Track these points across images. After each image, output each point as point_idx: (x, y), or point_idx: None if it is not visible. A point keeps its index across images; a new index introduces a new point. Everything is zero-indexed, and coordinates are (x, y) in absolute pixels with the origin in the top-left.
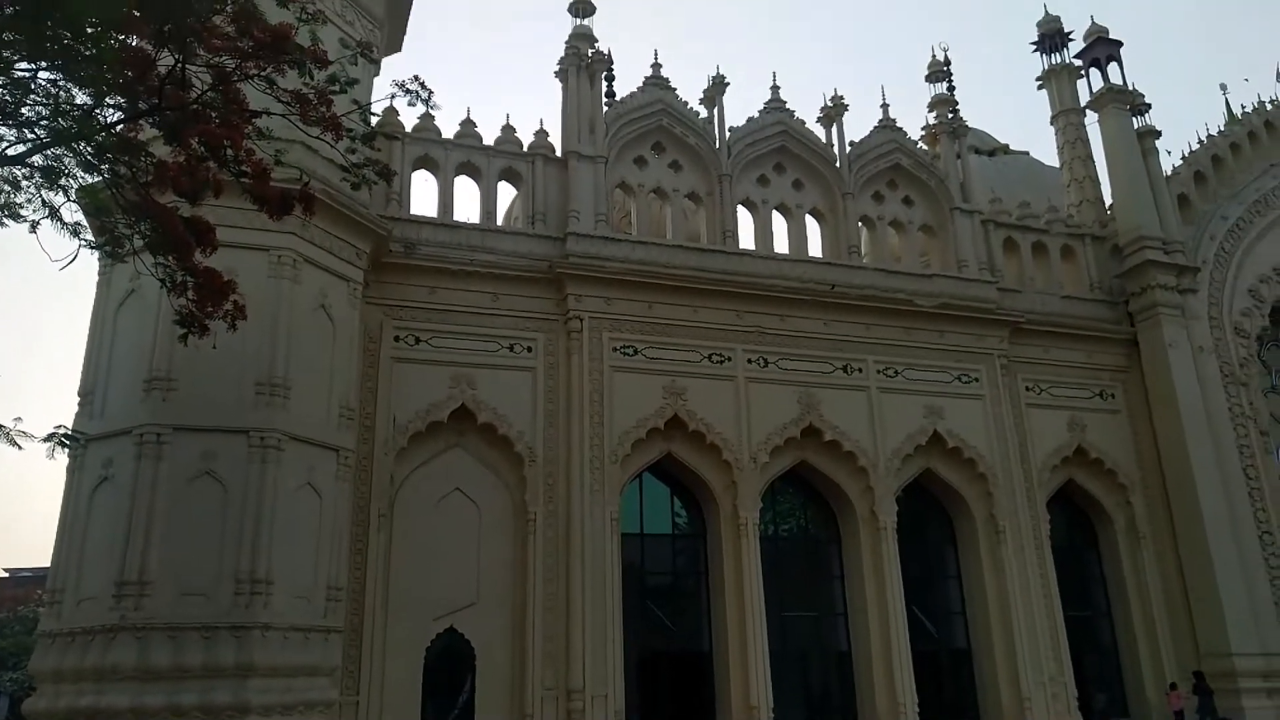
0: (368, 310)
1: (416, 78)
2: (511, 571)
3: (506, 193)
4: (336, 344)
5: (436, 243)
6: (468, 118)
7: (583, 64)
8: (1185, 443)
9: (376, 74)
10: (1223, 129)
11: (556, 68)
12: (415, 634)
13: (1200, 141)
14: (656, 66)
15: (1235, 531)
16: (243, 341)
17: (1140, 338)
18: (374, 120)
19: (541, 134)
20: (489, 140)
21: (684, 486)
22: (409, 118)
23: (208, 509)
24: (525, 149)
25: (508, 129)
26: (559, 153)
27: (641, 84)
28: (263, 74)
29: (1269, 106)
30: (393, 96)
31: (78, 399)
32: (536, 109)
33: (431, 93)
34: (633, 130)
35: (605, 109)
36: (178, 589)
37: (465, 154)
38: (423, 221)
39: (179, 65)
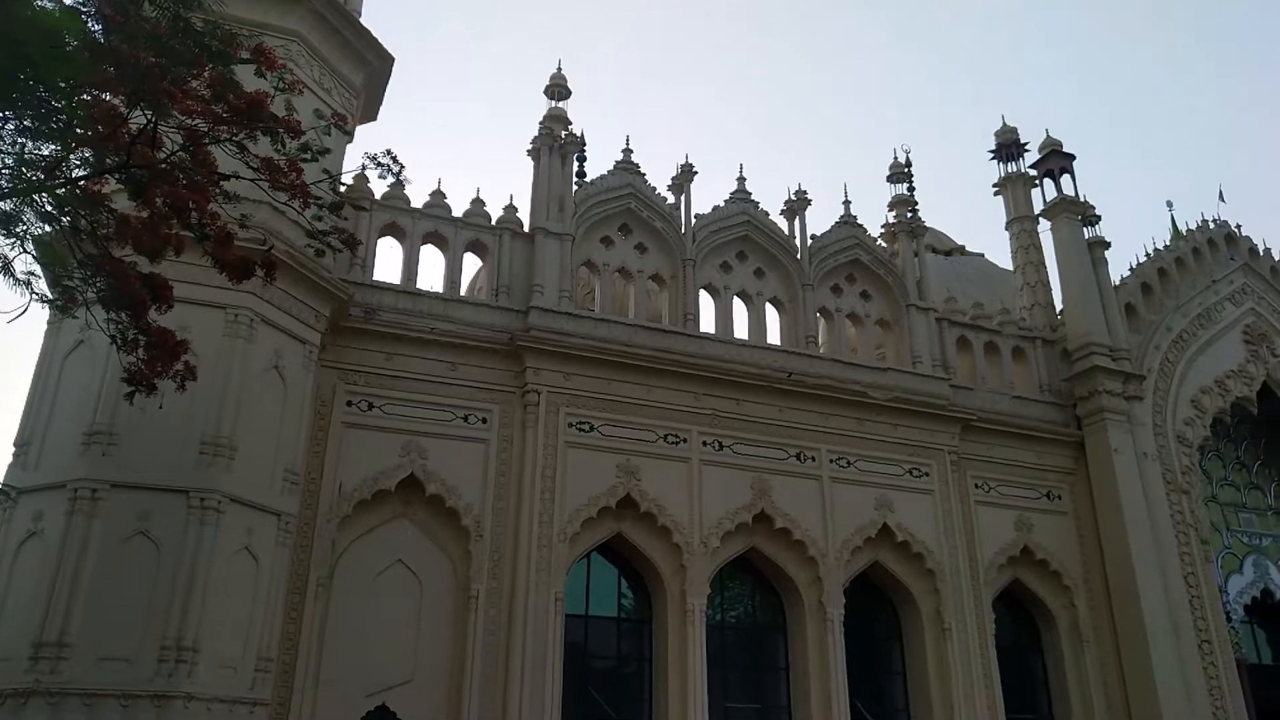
0: (322, 373)
1: (389, 151)
2: (450, 649)
3: (472, 264)
4: (287, 406)
5: (398, 309)
6: (438, 189)
7: (555, 144)
8: (1129, 547)
9: (350, 141)
10: (1169, 244)
11: (530, 146)
12: (345, 710)
13: (1147, 255)
14: (627, 152)
15: (1176, 639)
16: (190, 399)
17: (1087, 441)
18: (344, 188)
19: (510, 209)
20: (458, 211)
21: (632, 568)
22: (379, 184)
23: (139, 570)
24: (493, 222)
25: (477, 202)
26: (527, 228)
27: (612, 168)
28: (235, 139)
29: (1212, 225)
30: (364, 167)
31: (12, 449)
32: (507, 184)
33: (402, 166)
34: (601, 211)
35: (575, 189)
36: (99, 653)
37: (433, 224)
38: (385, 288)
39: (151, 124)
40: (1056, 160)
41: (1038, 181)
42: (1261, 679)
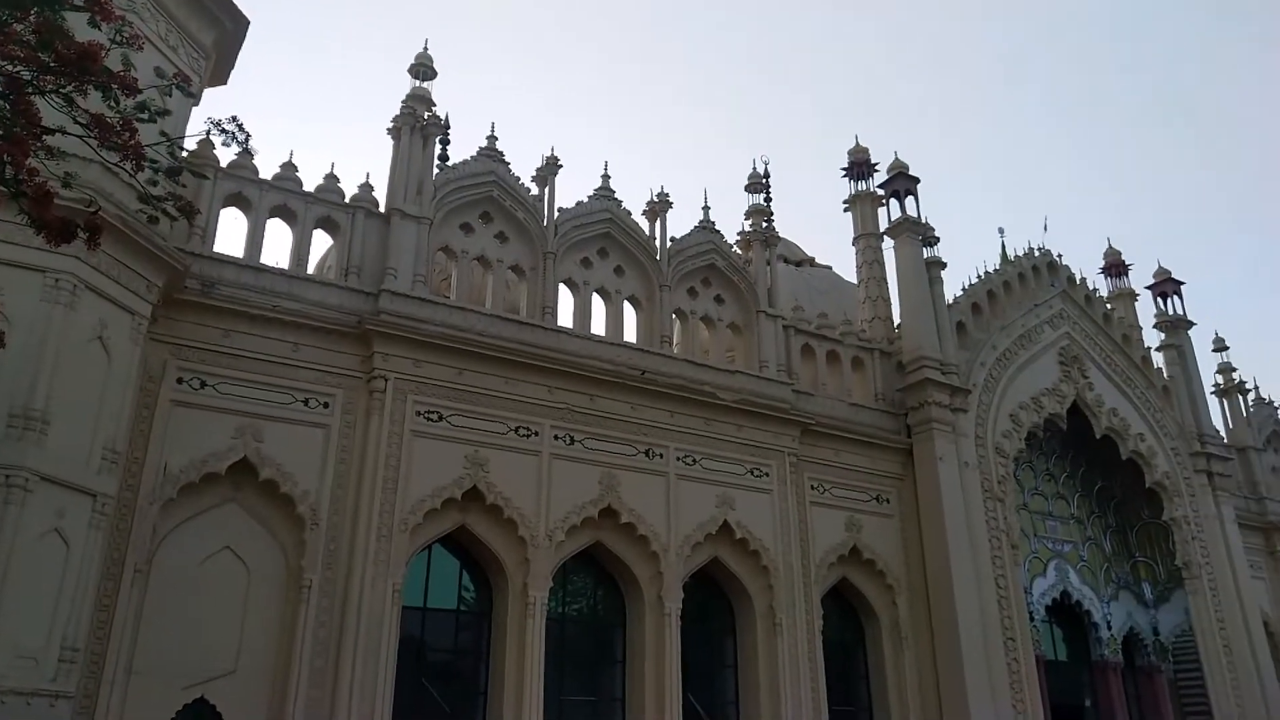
0: (152, 348)
1: (234, 118)
2: (278, 640)
3: (322, 242)
4: (110, 380)
5: (239, 284)
6: (289, 161)
7: (417, 125)
8: (948, 550)
9: (195, 104)
10: (998, 268)
11: (390, 125)
12: (160, 702)
13: (979, 277)
14: (492, 139)
15: (984, 636)
16: (0, 367)
17: (915, 448)
18: (186, 153)
19: (366, 187)
20: (309, 186)
21: (475, 561)
22: (226, 152)
23: None
24: (347, 200)
25: (331, 177)
26: (383, 208)
27: (476, 153)
28: (61, 90)
29: (1036, 254)
30: (208, 132)
31: None
32: (365, 166)
33: (248, 135)
34: (462, 197)
35: (436, 172)
36: None
37: (282, 197)
38: (226, 261)
39: None
40: (902, 182)
41: (884, 201)
42: (1056, 674)
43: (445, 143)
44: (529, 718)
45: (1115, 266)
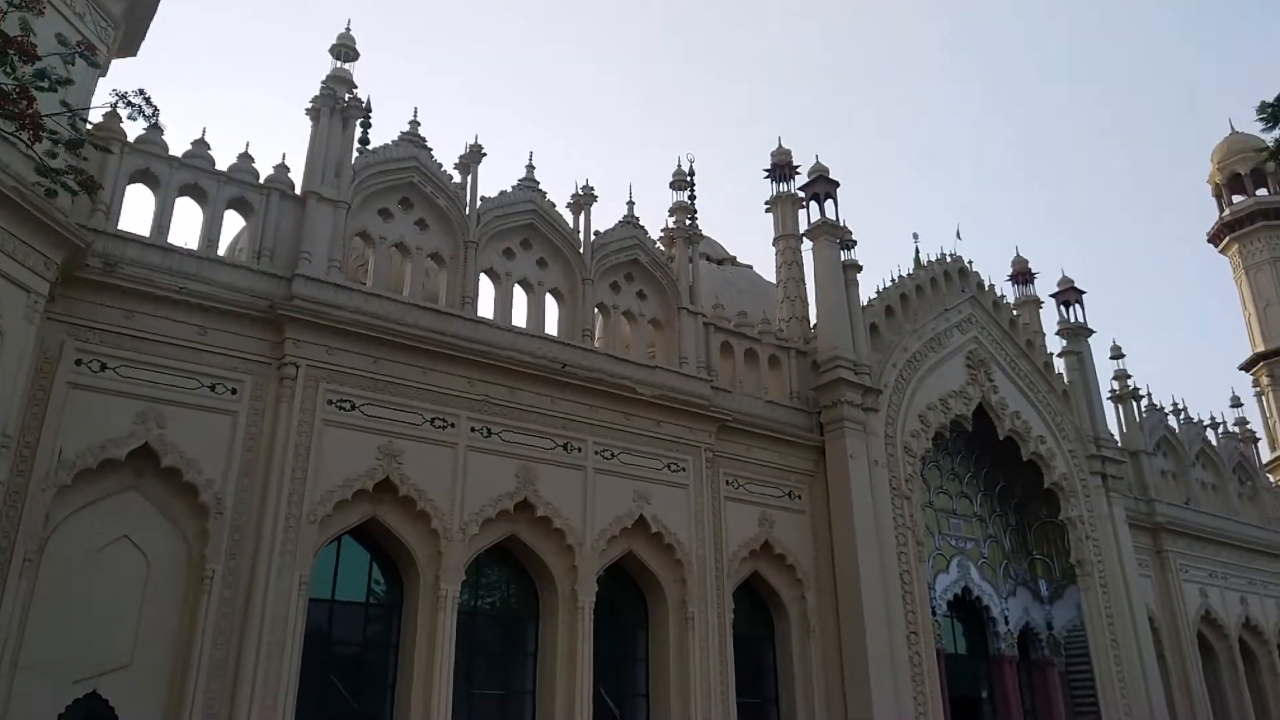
0: (49, 327)
1: (141, 91)
2: (177, 633)
3: (234, 224)
4: (2, 360)
5: (145, 264)
6: (201, 138)
7: (337, 106)
8: (856, 545)
9: (102, 75)
10: (911, 272)
11: (309, 105)
12: (48, 698)
13: (893, 281)
14: (414, 124)
15: (889, 631)
16: None
17: (827, 446)
18: (89, 126)
19: (282, 168)
20: (222, 165)
21: (386, 554)
22: (133, 126)
23: None
24: (262, 181)
25: (245, 157)
26: (298, 191)
27: (397, 138)
28: None
29: (948, 260)
30: (114, 105)
31: None
32: (281, 145)
33: (157, 110)
34: (382, 182)
35: (356, 156)
36: None
37: (192, 175)
38: (131, 239)
39: None
40: (823, 185)
41: (805, 203)
42: (956, 666)
43: (366, 126)
44: (438, 711)
45: (1022, 274)
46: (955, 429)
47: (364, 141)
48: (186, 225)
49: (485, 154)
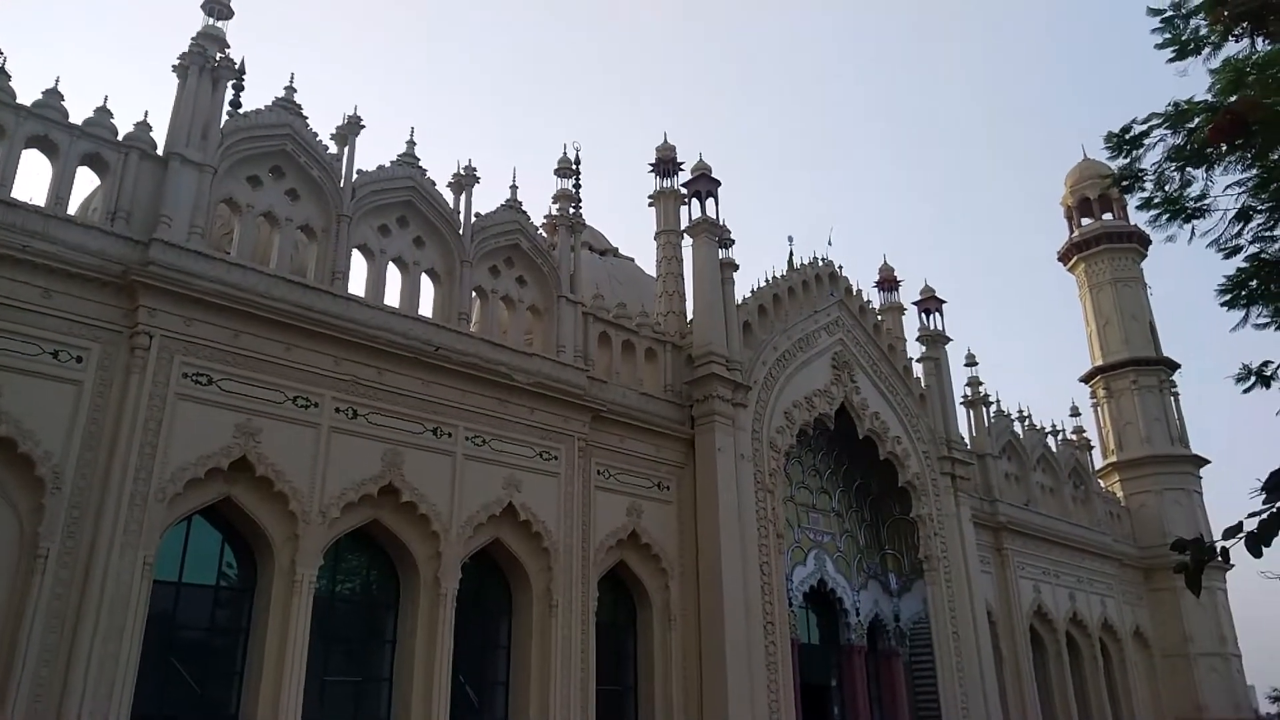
0: None
1: None
2: (3, 615)
3: (89, 182)
4: None
5: None
6: (54, 88)
7: (207, 65)
8: (719, 537)
9: None
10: (784, 274)
11: (176, 62)
12: None
13: (767, 281)
14: (290, 90)
15: (746, 620)
16: None
17: (697, 439)
18: None
19: (144, 126)
20: (77, 118)
21: (240, 535)
22: None
23: None
24: (120, 138)
25: (103, 111)
26: (160, 151)
27: (271, 103)
28: None
29: (820, 263)
30: None
31: None
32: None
33: (4, 56)
34: (252, 148)
35: (225, 119)
36: None
37: (42, 126)
38: None
39: None
40: (705, 183)
41: (687, 200)
42: (809, 656)
43: (239, 89)
44: (287, 698)
45: (888, 281)
46: (818, 427)
47: (235, 105)
48: (34, 181)
49: (364, 126)
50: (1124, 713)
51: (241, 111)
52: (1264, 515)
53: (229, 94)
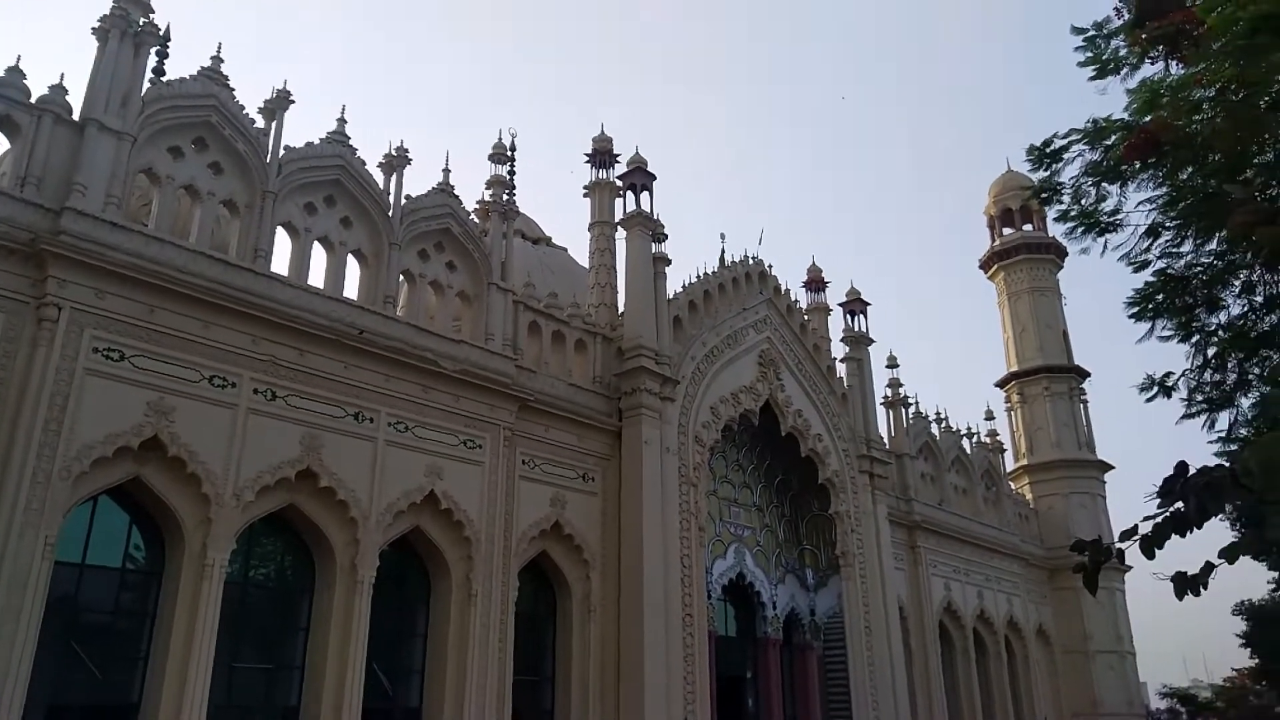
0: None
1: None
2: None
3: None
4: None
5: None
6: None
7: (129, 30)
8: (642, 529)
9: None
10: (715, 271)
11: (96, 24)
12: None
13: (698, 277)
14: (217, 60)
15: (665, 612)
16: None
17: (624, 432)
18: None
19: (60, 89)
20: None
21: (150, 517)
22: None
23: None
24: (33, 99)
25: (15, 71)
26: (76, 116)
27: (196, 73)
28: None
29: (750, 262)
30: None
31: None
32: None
33: None
34: (175, 118)
35: (147, 87)
36: None
37: None
38: None
39: None
40: (640, 177)
41: (622, 192)
42: (725, 648)
43: (163, 56)
44: (193, 684)
45: (815, 282)
46: (743, 423)
47: (159, 73)
48: None
49: (293, 100)
50: (1025, 707)
51: (165, 80)
52: (1157, 519)
53: (152, 61)
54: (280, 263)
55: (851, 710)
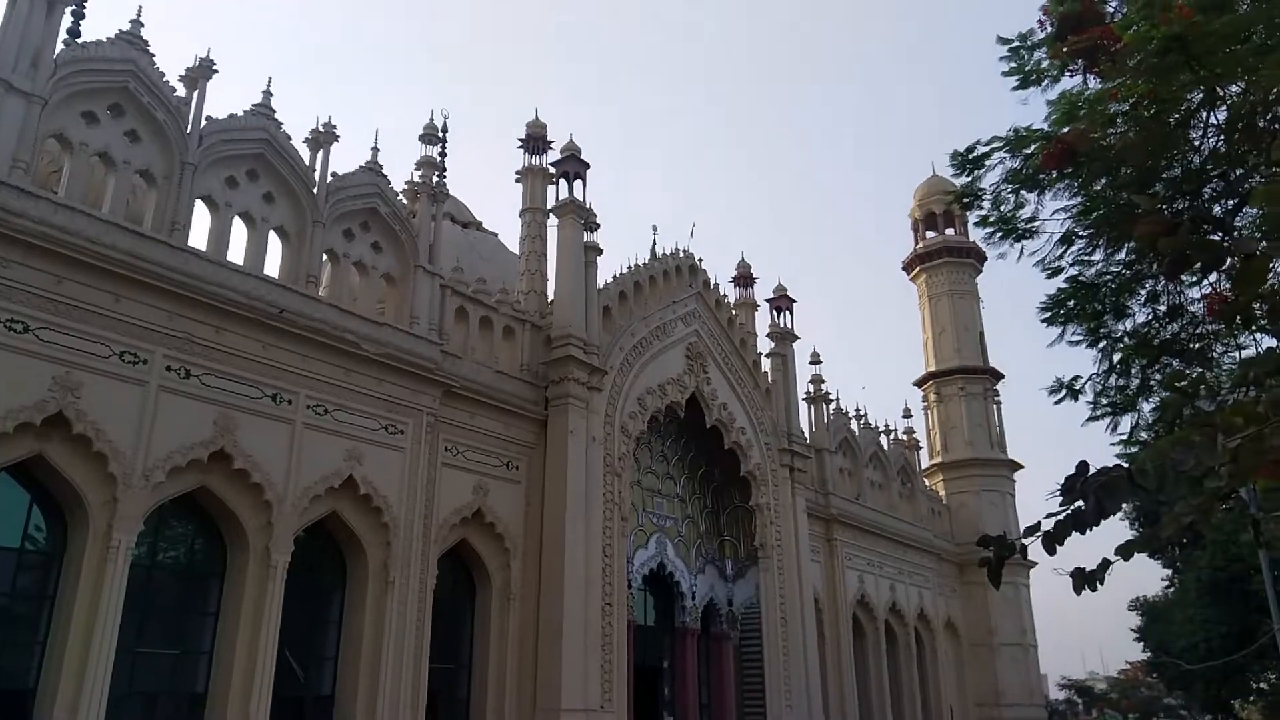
0: None
1: None
2: None
3: None
4: None
5: None
6: None
7: None
8: (565, 518)
9: None
10: (646, 262)
11: None
12: None
13: (629, 268)
14: (137, 24)
15: (586, 601)
16: None
17: (550, 420)
18: None
19: None
20: None
21: (51, 496)
22: None
23: None
24: None
25: None
26: None
27: (115, 36)
28: None
29: (681, 255)
30: None
31: None
32: None
33: None
34: (90, 82)
35: (61, 48)
36: None
37: None
38: None
39: None
40: (574, 165)
41: (555, 180)
42: (644, 637)
43: (79, 17)
44: (95, 668)
45: (744, 278)
46: (669, 414)
47: (74, 34)
48: None
49: (217, 70)
50: (932, 697)
51: (80, 42)
52: (1059, 516)
53: (67, 21)
54: (199, 237)
55: (765, 699)
